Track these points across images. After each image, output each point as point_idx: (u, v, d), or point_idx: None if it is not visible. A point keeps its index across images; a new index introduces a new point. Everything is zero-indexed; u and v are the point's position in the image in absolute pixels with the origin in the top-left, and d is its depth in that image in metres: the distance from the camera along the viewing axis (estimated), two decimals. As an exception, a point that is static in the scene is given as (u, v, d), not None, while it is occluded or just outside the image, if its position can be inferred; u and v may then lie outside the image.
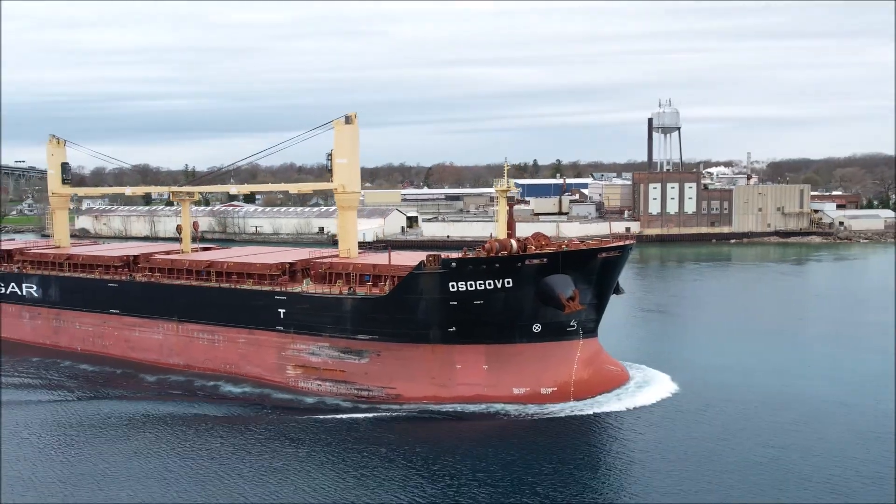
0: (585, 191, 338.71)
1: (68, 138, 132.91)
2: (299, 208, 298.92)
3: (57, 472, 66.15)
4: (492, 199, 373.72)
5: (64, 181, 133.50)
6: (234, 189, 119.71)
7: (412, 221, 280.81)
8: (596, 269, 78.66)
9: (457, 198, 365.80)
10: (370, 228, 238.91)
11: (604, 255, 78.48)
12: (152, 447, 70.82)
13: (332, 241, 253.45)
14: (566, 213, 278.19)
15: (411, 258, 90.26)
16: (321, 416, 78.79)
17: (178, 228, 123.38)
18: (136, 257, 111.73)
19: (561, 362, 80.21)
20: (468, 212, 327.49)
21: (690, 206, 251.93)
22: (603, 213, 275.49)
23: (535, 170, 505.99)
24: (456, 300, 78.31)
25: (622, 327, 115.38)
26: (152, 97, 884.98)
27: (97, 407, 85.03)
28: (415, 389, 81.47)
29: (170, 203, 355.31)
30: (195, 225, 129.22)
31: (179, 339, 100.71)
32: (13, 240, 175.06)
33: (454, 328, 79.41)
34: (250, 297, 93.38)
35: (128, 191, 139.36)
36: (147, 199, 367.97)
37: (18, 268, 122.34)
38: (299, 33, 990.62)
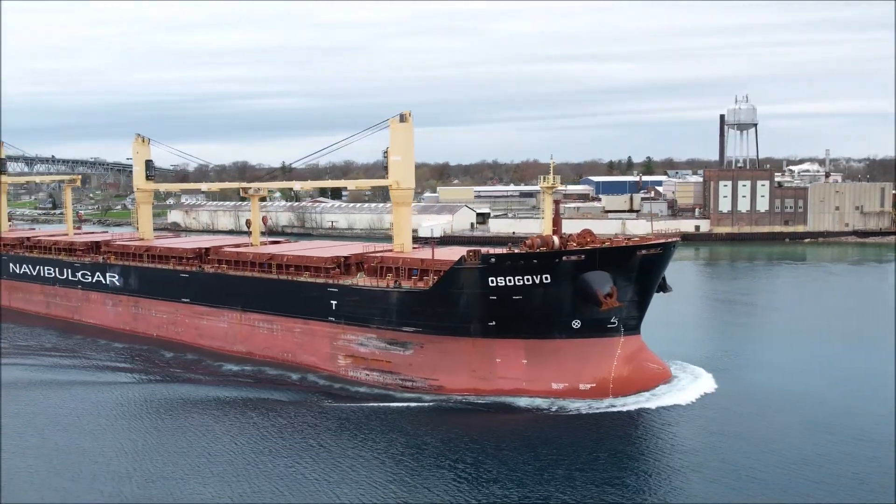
0: (660, 188, 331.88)
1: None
2: (372, 204, 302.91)
3: (132, 444, 69.87)
4: (564, 196, 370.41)
5: (147, 177, 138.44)
6: (297, 185, 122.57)
7: (484, 218, 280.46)
8: (635, 266, 77.03)
9: (530, 195, 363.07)
10: (438, 224, 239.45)
11: (643, 252, 76.78)
12: (214, 427, 73.75)
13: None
14: (637, 211, 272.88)
15: (459, 253, 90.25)
16: (367, 405, 79.99)
17: (248, 223, 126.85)
18: (207, 250, 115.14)
19: (600, 359, 78.95)
20: (540, 208, 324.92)
21: (763, 205, 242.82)
22: (675, 210, 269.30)
23: (627, 167, 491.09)
24: (495, 295, 78.08)
25: (677, 325, 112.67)
26: (260, 96, 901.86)
27: (167, 389, 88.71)
28: (456, 381, 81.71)
29: (262, 199, 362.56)
30: (264, 219, 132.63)
31: (242, 327, 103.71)
32: (106, 232, 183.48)
33: (494, 322, 79.23)
34: (305, 289, 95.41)
35: (203, 187, 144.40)
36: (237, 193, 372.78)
37: (104, 258, 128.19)
38: (402, 32, 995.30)
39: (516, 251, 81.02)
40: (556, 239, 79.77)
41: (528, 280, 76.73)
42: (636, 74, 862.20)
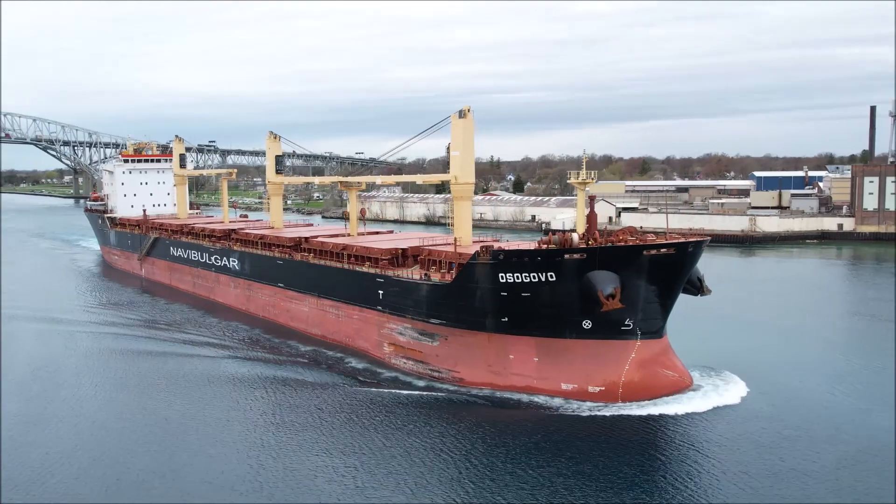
0: (821, 184, 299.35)
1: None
2: (517, 197, 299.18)
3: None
4: (719, 191, 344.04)
5: (277, 171, 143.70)
6: (378, 179, 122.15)
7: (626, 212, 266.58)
8: (645, 267, 68.51)
9: (685, 190, 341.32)
10: (570, 217, 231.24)
11: (652, 252, 68.05)
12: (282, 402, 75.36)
13: (540, 229, 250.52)
14: (786, 208, 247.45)
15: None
16: (393, 391, 78.20)
17: (345, 214, 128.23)
18: (305, 239, 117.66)
19: (612, 362, 71.32)
20: (691, 204, 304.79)
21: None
22: (829, 207, 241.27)
23: (860, 159, 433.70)
24: (506, 291, 73.08)
25: (767, 331, 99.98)
26: (507, 91, 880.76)
27: (246, 366, 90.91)
28: (474, 374, 77.74)
29: (439, 191, 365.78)
30: (362, 212, 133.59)
31: (318, 312, 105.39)
32: (260, 221, 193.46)
33: (506, 318, 74.22)
34: (361, 279, 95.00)
35: (315, 181, 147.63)
36: (438, 188, 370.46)
37: (229, 245, 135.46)
38: (654, 20, 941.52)
39: (536, 248, 75.07)
40: (575, 236, 73.08)
41: (534, 277, 70.96)
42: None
